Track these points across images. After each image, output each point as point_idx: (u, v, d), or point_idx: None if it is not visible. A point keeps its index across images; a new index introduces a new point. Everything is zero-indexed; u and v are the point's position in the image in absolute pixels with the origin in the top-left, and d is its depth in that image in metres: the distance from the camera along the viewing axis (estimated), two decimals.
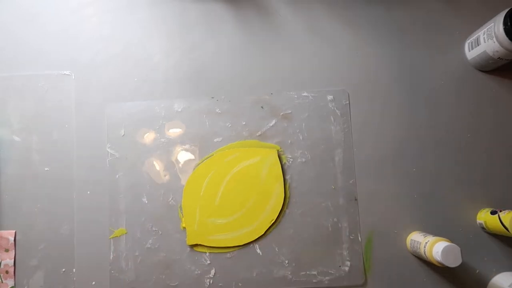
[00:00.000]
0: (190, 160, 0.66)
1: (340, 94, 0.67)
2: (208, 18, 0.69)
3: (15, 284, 0.64)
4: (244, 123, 0.67)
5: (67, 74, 0.68)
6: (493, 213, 0.60)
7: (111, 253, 0.64)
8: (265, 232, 0.64)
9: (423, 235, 0.60)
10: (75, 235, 0.65)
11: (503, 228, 0.57)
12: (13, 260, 0.64)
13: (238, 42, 0.69)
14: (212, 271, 0.64)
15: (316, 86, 0.67)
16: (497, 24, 0.58)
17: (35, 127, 0.67)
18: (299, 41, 0.68)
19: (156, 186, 0.66)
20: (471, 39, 0.65)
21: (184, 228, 0.65)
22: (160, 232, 0.64)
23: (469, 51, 0.66)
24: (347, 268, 0.63)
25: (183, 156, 0.66)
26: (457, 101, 0.66)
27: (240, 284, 0.63)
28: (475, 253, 0.63)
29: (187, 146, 0.66)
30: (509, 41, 0.57)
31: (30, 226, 0.65)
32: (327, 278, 0.63)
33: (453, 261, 0.54)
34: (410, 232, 0.64)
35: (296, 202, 0.65)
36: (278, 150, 0.66)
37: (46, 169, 0.66)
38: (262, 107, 0.67)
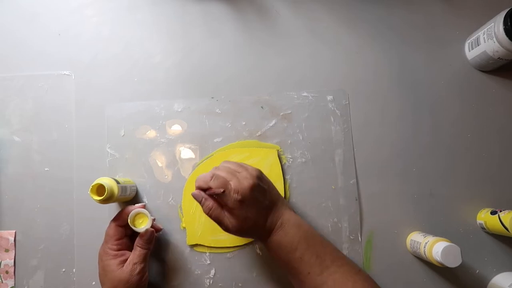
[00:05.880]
0: (190, 160, 0.66)
1: (340, 94, 0.67)
2: (208, 18, 0.69)
3: (15, 284, 0.64)
4: (244, 123, 0.67)
5: (67, 74, 0.68)
6: (493, 213, 0.60)
7: None
8: None
9: (423, 235, 0.60)
10: (75, 235, 0.65)
11: (503, 228, 0.57)
12: (13, 260, 0.64)
13: (238, 42, 0.69)
14: (212, 271, 0.63)
15: (316, 86, 0.67)
16: (497, 24, 0.58)
17: (35, 127, 0.67)
18: (299, 41, 0.68)
19: (156, 186, 0.66)
20: (471, 39, 0.65)
21: (184, 228, 0.64)
22: (160, 232, 0.64)
23: (469, 51, 0.66)
24: None
25: (183, 156, 0.66)
26: (457, 101, 0.66)
27: (240, 284, 0.63)
28: (475, 253, 0.63)
29: (187, 146, 0.66)
30: (509, 41, 0.57)
31: (30, 226, 0.65)
32: None
33: (453, 261, 0.54)
34: (410, 232, 0.64)
35: (296, 202, 0.65)
36: (278, 150, 0.65)
37: (46, 169, 0.66)
38: (262, 107, 0.67)
